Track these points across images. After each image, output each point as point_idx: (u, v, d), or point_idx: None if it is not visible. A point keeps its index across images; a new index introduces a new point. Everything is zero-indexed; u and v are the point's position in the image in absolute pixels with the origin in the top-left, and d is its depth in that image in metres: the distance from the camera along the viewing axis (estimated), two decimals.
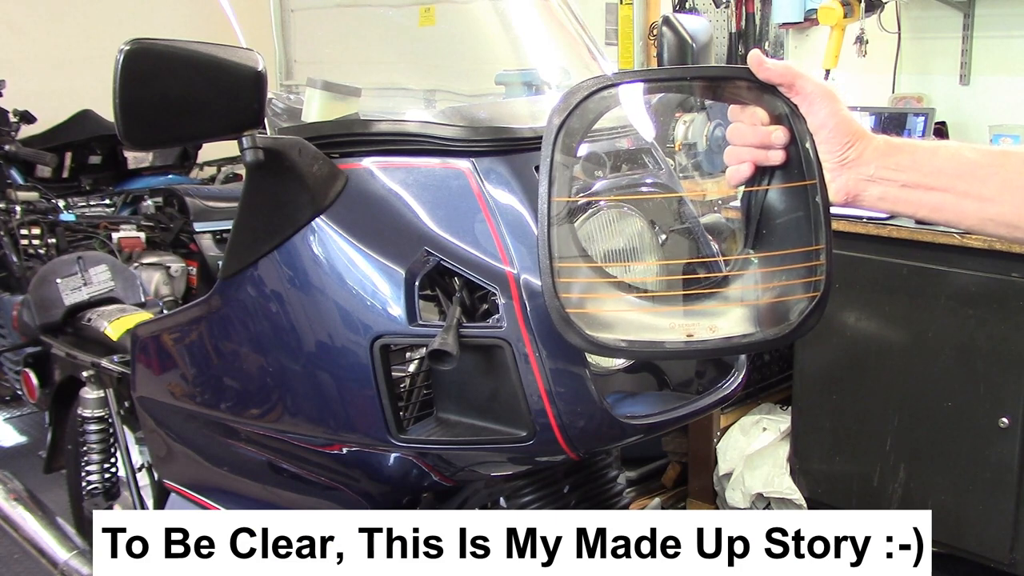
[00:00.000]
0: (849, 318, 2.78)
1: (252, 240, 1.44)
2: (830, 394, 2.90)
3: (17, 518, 2.36)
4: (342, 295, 1.35)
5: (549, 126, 1.14)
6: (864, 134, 1.07)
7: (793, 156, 1.09)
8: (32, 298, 2.56)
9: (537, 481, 1.55)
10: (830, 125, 1.06)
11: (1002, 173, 1.03)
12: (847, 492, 2.92)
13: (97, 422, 2.21)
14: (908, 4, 3.27)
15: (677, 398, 1.51)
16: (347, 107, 1.57)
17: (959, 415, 2.61)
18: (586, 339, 1.17)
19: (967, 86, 3.21)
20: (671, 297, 1.29)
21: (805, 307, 1.13)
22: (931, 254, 2.58)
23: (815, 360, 2.92)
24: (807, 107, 1.07)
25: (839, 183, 1.07)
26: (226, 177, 4.34)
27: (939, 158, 1.05)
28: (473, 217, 1.34)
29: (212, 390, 1.61)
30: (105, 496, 2.24)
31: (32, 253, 3.20)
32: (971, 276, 2.52)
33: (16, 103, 3.85)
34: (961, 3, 3.14)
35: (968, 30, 3.16)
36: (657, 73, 1.45)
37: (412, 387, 1.40)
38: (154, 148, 3.54)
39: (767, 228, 1.14)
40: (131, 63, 1.20)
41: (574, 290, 1.19)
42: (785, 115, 1.09)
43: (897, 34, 3.32)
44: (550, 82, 1.73)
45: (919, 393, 2.69)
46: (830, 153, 1.07)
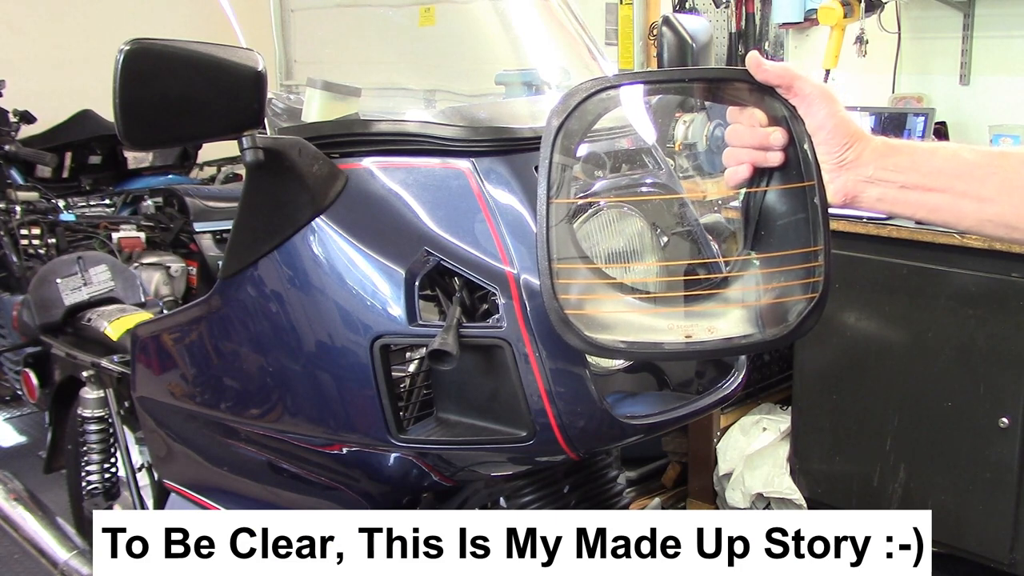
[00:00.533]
0: (849, 318, 2.78)
1: (252, 240, 1.44)
2: (830, 394, 2.90)
3: (17, 518, 2.36)
4: (342, 295, 1.35)
5: (548, 127, 1.14)
6: (862, 135, 1.07)
7: (792, 157, 1.09)
8: (32, 298, 2.56)
9: (537, 481, 1.55)
10: (828, 126, 1.06)
11: (1000, 174, 1.03)
12: (847, 492, 2.92)
13: (97, 422, 2.21)
14: (908, 4, 3.27)
15: (677, 398, 1.51)
16: (347, 107, 1.57)
17: (959, 415, 2.61)
18: (585, 340, 1.17)
19: (967, 86, 3.21)
20: (670, 298, 1.29)
21: (804, 308, 1.13)
22: (931, 254, 2.58)
23: (815, 360, 2.91)
24: (805, 108, 1.07)
25: (837, 184, 1.07)
26: (226, 177, 4.34)
27: (937, 159, 1.05)
28: (473, 217, 1.34)
29: (212, 390, 1.61)
30: (105, 496, 2.24)
31: (32, 253, 3.20)
32: (971, 276, 2.52)
33: (16, 103, 3.85)
34: (961, 3, 3.14)
35: (968, 30, 3.16)
36: (656, 75, 1.46)
37: (412, 387, 1.40)
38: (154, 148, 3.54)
39: (766, 229, 1.14)
40: (131, 63, 1.20)
41: (573, 291, 1.19)
42: (784, 116, 1.09)
43: (897, 34, 3.32)
44: (550, 82, 1.73)
45: (919, 393, 2.69)
46: (828, 154, 1.07)
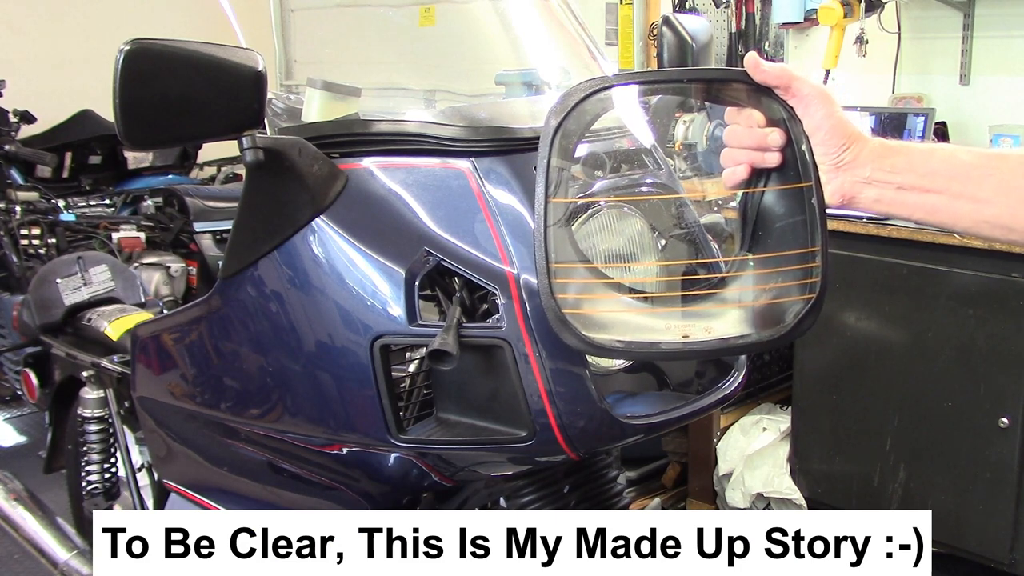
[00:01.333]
0: (849, 318, 2.78)
1: (252, 240, 1.44)
2: (830, 394, 2.90)
3: (17, 518, 2.36)
4: (342, 295, 1.35)
5: (546, 128, 1.15)
6: (860, 136, 1.07)
7: (789, 158, 1.09)
8: (32, 298, 2.56)
9: (537, 481, 1.55)
10: (826, 127, 1.06)
11: (997, 175, 1.03)
12: (847, 492, 2.92)
13: (97, 422, 2.21)
14: (908, 4, 3.27)
15: (677, 398, 1.51)
16: (347, 107, 1.57)
17: (959, 415, 2.61)
18: (582, 340, 1.17)
19: (967, 86, 3.21)
20: (668, 298, 1.29)
21: (801, 309, 1.13)
22: (931, 254, 2.58)
23: (815, 360, 2.91)
24: (803, 109, 1.07)
25: (835, 185, 1.07)
26: (226, 177, 4.34)
27: (934, 160, 1.05)
28: (473, 217, 1.34)
29: (212, 390, 1.61)
30: (105, 496, 2.24)
31: (32, 253, 3.20)
32: (971, 276, 2.52)
33: (16, 103, 3.85)
34: (961, 3, 3.14)
35: (968, 30, 3.16)
36: (653, 75, 1.46)
37: (412, 387, 1.40)
38: (154, 148, 3.54)
39: (763, 230, 1.14)
40: (131, 63, 1.20)
41: (570, 291, 1.19)
42: (781, 118, 1.09)
43: (897, 34, 3.32)
44: (550, 82, 1.73)
45: (919, 393, 2.69)
46: (826, 155, 1.07)
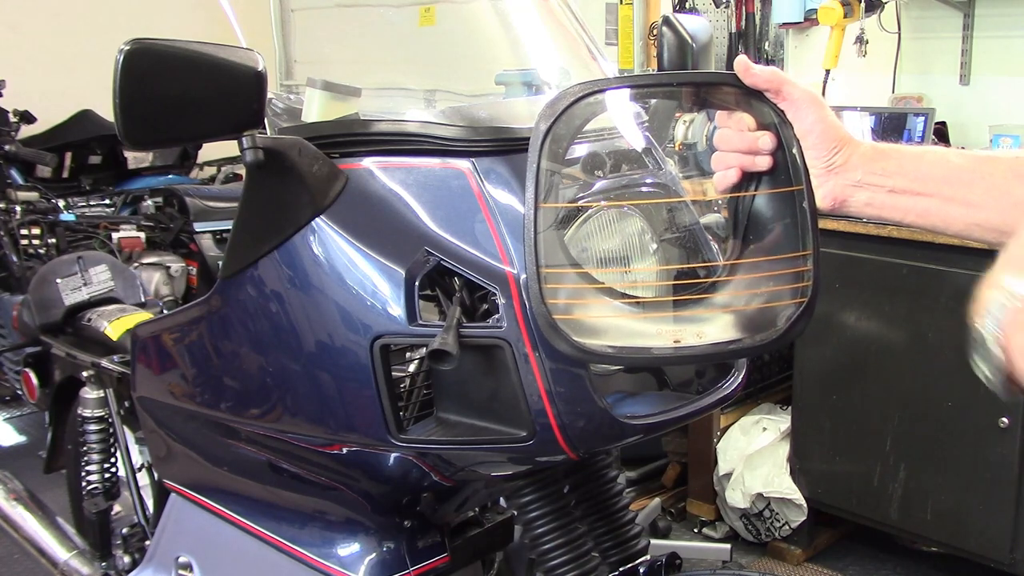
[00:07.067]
0: (849, 318, 2.78)
1: (252, 240, 1.44)
2: (830, 394, 2.90)
3: (17, 518, 2.36)
4: (342, 295, 1.35)
5: (535, 132, 1.14)
6: (850, 140, 1.06)
7: (780, 162, 1.09)
8: (32, 298, 2.56)
9: (537, 481, 1.54)
10: (817, 131, 1.06)
11: (988, 179, 1.03)
12: (847, 492, 2.92)
13: (97, 422, 2.21)
14: (908, 4, 3.27)
15: (677, 398, 1.50)
16: (347, 107, 1.56)
17: (959, 415, 2.61)
18: (574, 345, 1.17)
19: (967, 86, 3.21)
20: (659, 303, 1.29)
21: (792, 313, 1.13)
22: (931, 254, 2.58)
23: (815, 360, 2.91)
24: (794, 113, 1.07)
25: (826, 189, 1.07)
26: (226, 177, 4.35)
27: (925, 163, 1.05)
28: (473, 217, 1.34)
29: (212, 390, 1.61)
30: (105, 496, 2.24)
31: (32, 253, 3.21)
32: (971, 276, 2.49)
33: (16, 103, 3.86)
34: (961, 3, 3.14)
35: (968, 30, 3.16)
36: (643, 79, 1.45)
37: (412, 387, 1.39)
38: (154, 148, 3.55)
39: (754, 234, 1.14)
40: (131, 63, 1.20)
41: (561, 296, 1.18)
42: (772, 121, 1.09)
43: (897, 34, 3.32)
44: (550, 82, 1.72)
45: (919, 393, 2.69)
46: (817, 159, 1.06)
